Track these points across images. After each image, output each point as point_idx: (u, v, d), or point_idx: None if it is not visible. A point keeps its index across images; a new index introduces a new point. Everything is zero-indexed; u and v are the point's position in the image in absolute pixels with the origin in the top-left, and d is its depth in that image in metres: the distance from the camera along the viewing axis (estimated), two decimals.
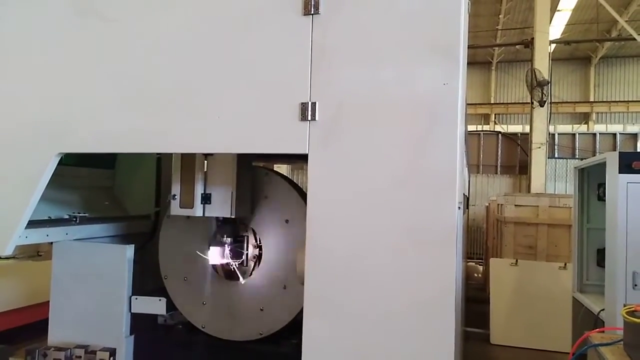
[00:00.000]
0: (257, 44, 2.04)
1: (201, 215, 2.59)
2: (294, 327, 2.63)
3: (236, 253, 2.73)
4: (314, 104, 1.95)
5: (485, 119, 21.04)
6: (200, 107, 2.11)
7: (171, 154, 2.67)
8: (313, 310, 1.95)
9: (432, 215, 1.82)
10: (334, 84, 1.94)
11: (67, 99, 2.27)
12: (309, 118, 1.95)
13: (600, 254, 5.57)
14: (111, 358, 2.60)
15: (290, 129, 1.97)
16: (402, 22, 1.89)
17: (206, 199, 2.58)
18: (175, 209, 2.61)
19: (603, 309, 4.77)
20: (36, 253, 3.92)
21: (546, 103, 11.45)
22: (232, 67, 2.07)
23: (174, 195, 2.61)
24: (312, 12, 1.96)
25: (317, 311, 1.95)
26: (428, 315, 1.83)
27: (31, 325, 4.24)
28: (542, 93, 11.15)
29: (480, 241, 11.08)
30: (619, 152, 4.50)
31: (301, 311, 2.61)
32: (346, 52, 1.94)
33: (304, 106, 1.95)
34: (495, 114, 21.28)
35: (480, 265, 10.37)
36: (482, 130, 15.40)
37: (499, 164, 14.13)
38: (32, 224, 2.39)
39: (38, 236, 2.57)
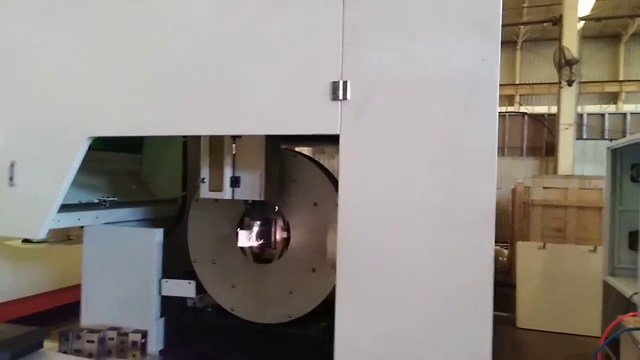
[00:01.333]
0: (287, 22, 1.98)
1: (230, 198, 2.58)
2: (323, 310, 2.62)
3: (265, 236, 2.72)
4: (345, 83, 1.89)
5: (510, 100, 20.59)
6: (230, 87, 2.07)
7: (199, 137, 2.65)
8: (346, 294, 1.92)
9: (470, 197, 1.77)
10: (366, 61, 1.88)
11: (97, 82, 2.26)
12: (341, 97, 1.90)
13: (633, 236, 5.42)
14: (143, 340, 2.63)
15: (322, 109, 1.93)
16: None
17: (235, 182, 2.57)
18: (204, 192, 2.61)
19: (636, 293, 4.65)
20: (67, 237, 4.00)
21: (575, 82, 11.12)
22: (261, 46, 2.02)
23: (203, 178, 2.60)
24: None
25: (350, 295, 1.92)
26: (465, 300, 1.78)
27: (61, 307, 4.33)
28: (571, 72, 10.82)
29: (505, 224, 10.91)
30: None
31: (330, 294, 2.61)
32: (379, 28, 1.88)
33: (335, 85, 1.90)
34: (520, 95, 20.82)
35: (505, 249, 10.23)
36: (507, 112, 15.05)
37: (524, 146, 13.84)
38: (64, 208, 2.41)
39: (70, 220, 2.60)
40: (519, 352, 5.86)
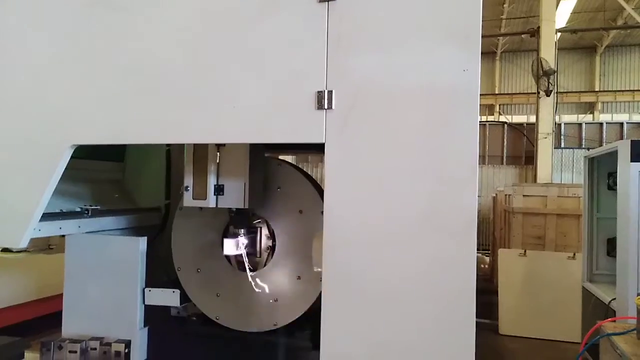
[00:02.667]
0: (272, 32, 2.01)
1: (214, 206, 2.58)
2: (309, 318, 2.63)
3: (249, 244, 2.72)
4: (330, 92, 1.92)
5: (490, 109, 20.93)
6: (214, 96, 2.08)
7: (182, 145, 2.65)
8: (331, 301, 1.94)
9: (452, 205, 1.80)
10: (351, 71, 1.92)
11: (80, 90, 2.25)
12: (326, 107, 1.92)
13: (610, 243, 5.55)
14: (126, 349, 2.60)
15: (307, 118, 1.95)
16: (419, 7, 1.86)
17: (219, 190, 2.57)
18: (188, 200, 2.60)
19: (614, 299, 4.75)
20: (47, 246, 3.93)
21: (552, 93, 11.37)
22: (246, 55, 2.04)
23: (187, 186, 2.59)
24: None
25: (336, 302, 1.93)
26: (448, 304, 1.81)
27: (42, 318, 4.26)
28: (549, 82, 11.06)
29: (487, 232, 11.05)
30: (631, 140, 4.46)
31: (316, 302, 2.62)
32: (363, 38, 1.91)
33: (320, 95, 1.93)
34: (499, 105, 21.17)
35: (486, 256, 10.35)
36: (487, 121, 15.31)
37: (504, 155, 14.07)
38: (45, 216, 2.38)
39: (51, 229, 2.56)
40: (502, 358, 5.93)
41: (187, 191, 2.59)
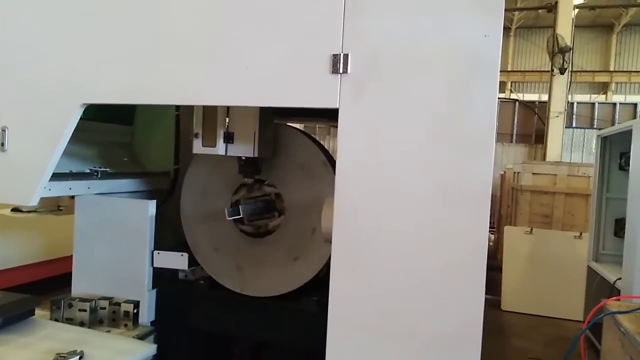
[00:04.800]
0: None
1: (223, 154, 2.55)
2: (315, 285, 2.64)
3: (259, 209, 2.72)
4: (346, 56, 1.87)
5: (501, 86, 20.63)
6: (226, 57, 2.04)
7: (192, 111, 2.62)
8: (340, 267, 1.93)
9: (467, 173, 1.77)
10: (368, 34, 1.86)
11: (91, 48, 2.21)
12: (341, 70, 1.88)
13: (619, 223, 5.53)
14: (135, 310, 2.63)
15: (321, 82, 1.91)
16: None
17: (229, 137, 2.54)
18: (197, 147, 2.58)
19: (619, 278, 4.76)
20: (57, 207, 3.96)
21: (567, 71, 11.18)
22: (260, 15, 1.99)
23: (197, 133, 2.56)
24: None
25: (345, 268, 1.93)
26: (459, 275, 1.81)
27: (50, 279, 4.32)
28: (564, 60, 10.86)
29: (492, 210, 11.04)
30: None
31: (322, 269, 2.63)
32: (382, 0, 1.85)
33: (335, 58, 1.88)
34: (511, 82, 20.87)
35: (491, 233, 10.36)
36: (499, 99, 15.11)
37: (514, 133, 13.94)
38: (55, 177, 2.38)
39: (61, 189, 2.56)
40: (503, 334, 5.99)
41: (197, 138, 2.56)
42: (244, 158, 2.61)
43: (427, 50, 1.81)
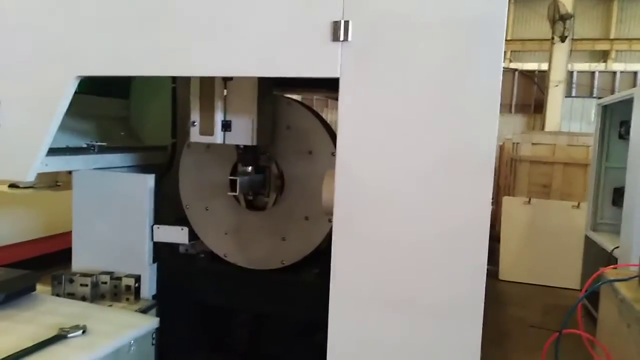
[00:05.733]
0: None
1: (221, 142, 2.53)
2: (316, 257, 2.64)
3: (258, 184, 2.70)
4: (347, 23, 1.82)
5: None
6: (222, 26, 1.98)
7: (188, 84, 2.57)
8: (342, 238, 1.92)
9: (471, 141, 1.75)
10: (371, 1, 1.80)
11: (85, 19, 2.15)
12: (341, 38, 1.82)
13: (617, 193, 5.55)
14: (137, 284, 2.64)
15: (321, 50, 1.86)
16: None
17: (226, 126, 2.51)
18: (194, 135, 2.55)
19: (617, 247, 4.79)
20: (54, 183, 3.93)
21: (567, 39, 11.03)
22: None
23: (194, 121, 2.53)
24: None
25: (346, 239, 1.92)
26: (461, 244, 1.80)
27: (50, 255, 4.33)
28: (564, 28, 10.70)
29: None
30: None
31: (323, 241, 2.63)
32: None
33: (336, 25, 1.82)
34: (511, 51, 20.60)
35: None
36: None
37: (513, 103, 13.85)
38: (52, 152, 2.35)
39: (58, 164, 2.53)
40: (501, 303, 6.07)
41: (194, 126, 2.53)
42: (242, 146, 2.57)
43: (430, 16, 1.76)
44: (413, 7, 1.78)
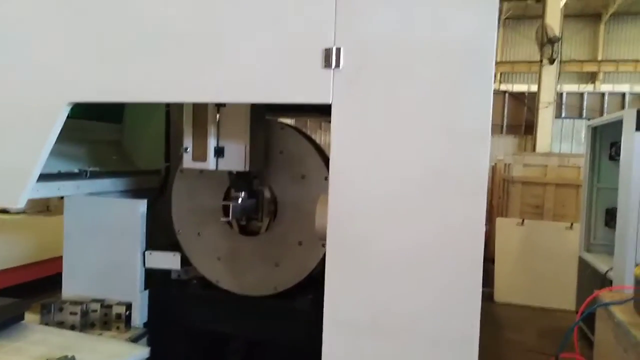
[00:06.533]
0: None
1: (214, 168, 2.52)
2: (309, 283, 2.62)
3: (251, 209, 2.69)
4: (338, 50, 1.83)
5: None
6: (215, 53, 1.99)
7: (182, 107, 2.58)
8: (336, 265, 1.91)
9: (463, 163, 1.75)
10: (361, 28, 1.83)
11: (76, 46, 2.15)
12: (333, 65, 1.84)
13: (609, 213, 5.57)
14: (127, 312, 2.59)
15: (313, 76, 1.87)
16: None
17: (219, 152, 2.51)
18: (187, 162, 2.54)
19: (611, 268, 4.79)
20: (46, 208, 3.90)
21: (556, 61, 11.22)
22: (249, 8, 1.94)
23: (186, 148, 2.53)
24: None
25: (341, 264, 1.90)
26: (455, 269, 1.79)
27: (40, 280, 4.27)
28: (553, 50, 10.90)
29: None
30: (637, 109, 4.40)
31: (316, 267, 2.61)
32: None
33: (327, 52, 1.84)
34: (501, 73, 20.92)
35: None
36: None
37: (504, 124, 13.99)
38: (43, 177, 2.33)
39: (49, 190, 2.52)
40: (497, 326, 6.03)
41: (187, 152, 2.53)
42: (235, 172, 2.57)
43: (421, 44, 1.78)
44: (404, 33, 1.80)
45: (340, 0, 1.83)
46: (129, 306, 2.61)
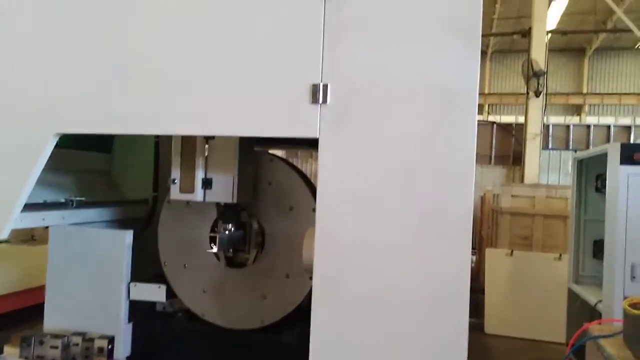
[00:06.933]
0: (267, 21, 1.95)
1: (201, 200, 2.52)
2: (297, 317, 2.59)
3: (238, 240, 2.67)
4: (325, 86, 1.87)
5: (479, 109, 21.02)
6: (205, 87, 2.02)
7: (171, 137, 2.59)
8: (322, 299, 1.90)
9: (448, 202, 1.77)
10: (347, 65, 1.87)
11: (65, 77, 2.17)
12: (320, 101, 1.87)
13: (597, 245, 5.59)
14: (110, 346, 2.54)
15: (301, 111, 1.90)
16: (420, 0, 1.82)
17: (207, 183, 2.51)
18: (175, 193, 2.54)
19: (600, 301, 4.78)
20: (30, 237, 3.85)
21: (542, 94, 11.43)
22: (239, 44, 1.98)
23: (174, 179, 2.53)
24: None
25: (327, 300, 1.89)
26: (442, 303, 1.79)
27: (24, 310, 4.18)
28: (538, 84, 11.12)
29: (473, 231, 11.10)
30: (621, 143, 4.48)
31: (304, 300, 2.58)
32: (360, 31, 1.87)
33: (315, 88, 1.88)
34: (489, 104, 21.28)
35: (472, 254, 10.41)
36: (477, 121, 15.34)
37: (493, 154, 14.14)
38: (28, 207, 2.31)
39: (34, 220, 2.49)
40: (487, 357, 5.95)
41: (174, 184, 2.53)
42: (223, 203, 2.57)
43: (405, 81, 1.82)
44: (389, 72, 1.84)
45: (328, 37, 1.88)
46: (111, 340, 2.56)
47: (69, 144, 2.94)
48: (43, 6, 2.23)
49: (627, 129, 14.63)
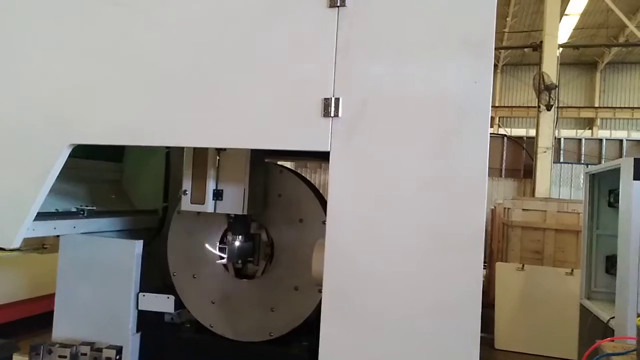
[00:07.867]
0: (280, 36, 1.97)
1: (212, 211, 2.53)
2: (305, 329, 2.57)
3: (247, 251, 2.67)
4: (337, 100, 1.88)
5: (490, 121, 20.93)
6: (218, 100, 2.04)
7: (182, 148, 2.60)
8: (331, 313, 1.88)
9: (459, 219, 1.76)
10: (359, 79, 1.87)
11: (80, 89, 2.20)
12: (332, 114, 1.88)
13: (609, 260, 5.51)
14: (117, 356, 2.53)
15: (312, 125, 1.90)
16: (432, 15, 1.82)
17: (218, 195, 2.52)
18: (186, 204, 2.55)
19: (613, 317, 4.70)
20: (41, 246, 3.87)
21: (553, 107, 11.36)
22: (253, 59, 2.00)
23: (185, 190, 2.54)
24: (338, 4, 1.89)
25: (336, 315, 1.88)
26: (453, 323, 1.76)
27: (34, 317, 4.20)
28: (550, 97, 11.06)
29: (484, 244, 10.98)
30: (634, 158, 4.43)
31: (312, 313, 2.57)
32: (372, 46, 1.87)
33: (327, 102, 1.88)
34: (499, 117, 21.22)
35: (483, 268, 10.30)
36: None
37: (503, 167, 14.05)
38: (40, 216, 2.33)
39: (46, 229, 2.50)
40: None
41: (185, 195, 2.54)
42: (233, 215, 2.57)
43: (417, 96, 1.82)
44: (400, 86, 1.84)
45: (340, 52, 1.89)
46: (119, 350, 2.55)
47: (80, 153, 2.97)
48: (60, 19, 2.27)
49: None
